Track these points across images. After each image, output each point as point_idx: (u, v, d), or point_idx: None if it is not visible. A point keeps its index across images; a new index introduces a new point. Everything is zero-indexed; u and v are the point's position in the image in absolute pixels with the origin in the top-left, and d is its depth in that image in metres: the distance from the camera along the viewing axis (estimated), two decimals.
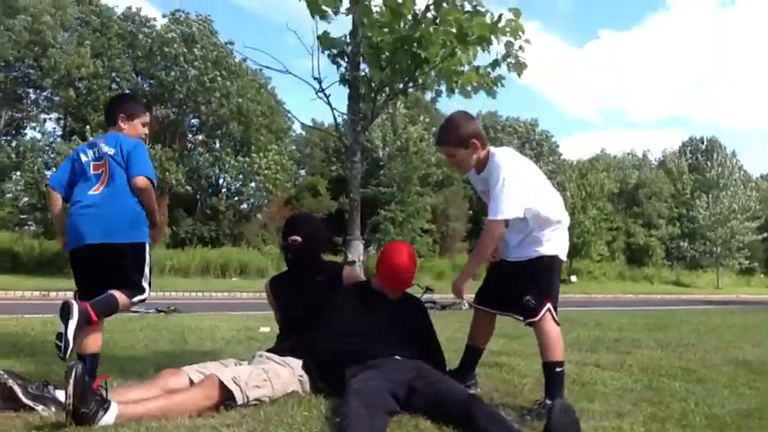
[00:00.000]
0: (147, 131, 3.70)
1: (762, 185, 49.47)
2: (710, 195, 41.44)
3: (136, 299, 3.43)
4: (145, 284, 3.47)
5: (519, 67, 4.46)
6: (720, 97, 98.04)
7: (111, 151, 3.42)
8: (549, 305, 3.14)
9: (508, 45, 4.39)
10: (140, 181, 3.37)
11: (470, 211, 37.84)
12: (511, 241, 3.33)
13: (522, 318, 3.22)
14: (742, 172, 49.47)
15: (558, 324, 3.18)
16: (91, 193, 3.40)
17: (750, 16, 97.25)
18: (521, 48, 4.39)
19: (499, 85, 4.56)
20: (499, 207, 3.05)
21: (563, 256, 3.28)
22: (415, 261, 3.46)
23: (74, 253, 3.41)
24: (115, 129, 3.59)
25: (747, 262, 43.30)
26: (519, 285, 3.22)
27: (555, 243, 3.23)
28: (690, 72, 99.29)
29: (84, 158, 3.47)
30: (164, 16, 32.94)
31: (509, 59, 4.45)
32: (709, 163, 48.95)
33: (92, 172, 3.44)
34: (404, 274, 3.42)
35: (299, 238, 3.62)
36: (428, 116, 34.71)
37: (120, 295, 3.32)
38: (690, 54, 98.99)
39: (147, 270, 3.46)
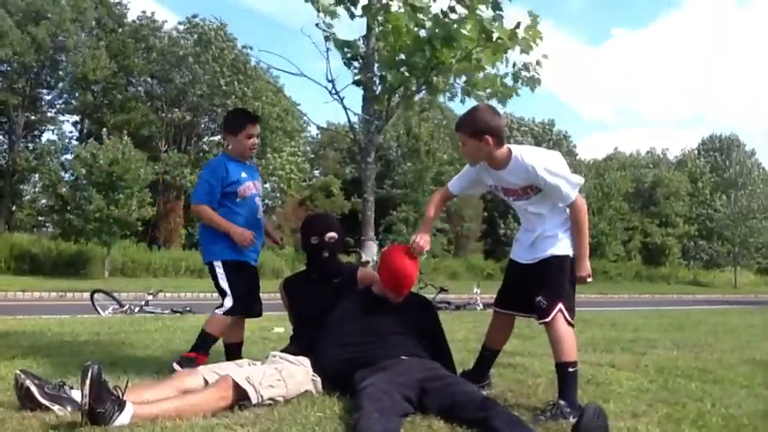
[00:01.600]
0: (253, 143, 3.92)
1: None
2: (731, 196, 40.94)
3: (218, 311, 3.79)
4: (226, 300, 3.79)
5: (533, 82, 4.53)
6: (736, 97, 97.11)
7: None
8: (560, 305, 3.12)
9: (524, 67, 4.52)
10: (191, 209, 3.77)
11: (485, 213, 37.72)
12: (524, 241, 3.34)
13: (537, 317, 3.21)
14: (761, 170, 48.88)
15: (570, 324, 3.16)
16: None
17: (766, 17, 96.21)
18: (538, 63, 4.44)
19: (513, 95, 4.58)
20: (568, 184, 3.13)
21: None
22: (416, 263, 3.39)
23: None
24: (225, 147, 4.00)
25: (766, 261, 42.83)
26: (530, 286, 3.22)
27: (566, 243, 3.22)
28: (705, 71, 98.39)
29: None
30: (180, 23, 33.28)
31: (524, 74, 4.51)
32: (727, 162, 48.37)
33: None
34: (407, 278, 3.36)
35: (336, 235, 3.63)
36: (441, 115, 34.60)
37: (208, 322, 3.81)
38: (705, 54, 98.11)
39: (224, 285, 3.79)
